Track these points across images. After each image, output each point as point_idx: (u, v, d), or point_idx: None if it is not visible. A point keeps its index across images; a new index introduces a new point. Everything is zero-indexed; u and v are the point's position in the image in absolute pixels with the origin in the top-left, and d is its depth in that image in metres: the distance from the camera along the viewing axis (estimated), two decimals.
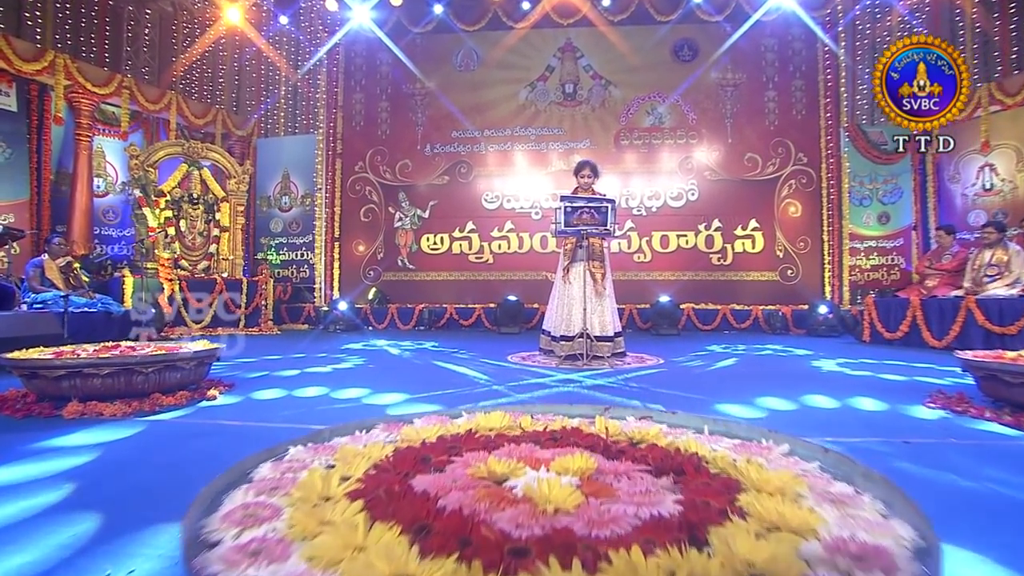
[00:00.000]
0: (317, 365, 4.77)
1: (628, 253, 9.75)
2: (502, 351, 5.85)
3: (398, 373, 4.45)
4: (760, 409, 2.96)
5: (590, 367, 4.64)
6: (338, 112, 10.35)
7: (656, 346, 6.77)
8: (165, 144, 8.64)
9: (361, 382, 3.88)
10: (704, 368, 4.62)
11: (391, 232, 10.26)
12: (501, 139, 10.06)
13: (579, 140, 9.93)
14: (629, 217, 9.76)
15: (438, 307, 9.66)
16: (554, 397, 3.34)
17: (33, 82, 7.93)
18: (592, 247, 5.21)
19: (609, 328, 5.14)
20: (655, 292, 9.13)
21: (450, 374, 4.31)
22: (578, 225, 4.83)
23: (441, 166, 10.16)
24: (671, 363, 4.96)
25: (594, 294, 5.17)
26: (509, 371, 4.43)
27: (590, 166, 5.34)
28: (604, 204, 4.76)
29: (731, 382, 3.95)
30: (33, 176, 7.99)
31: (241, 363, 4.97)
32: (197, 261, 8.92)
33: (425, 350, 6.15)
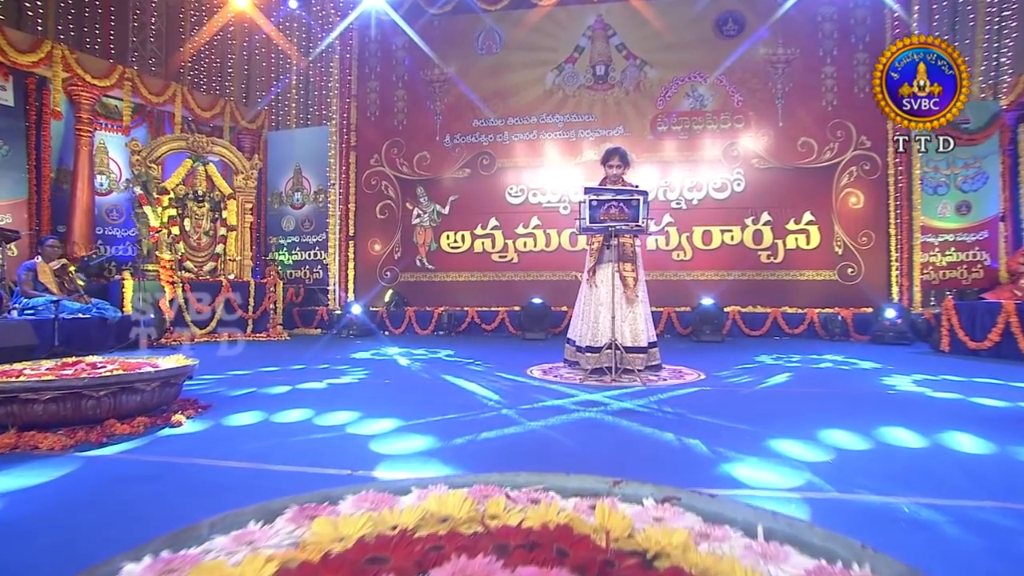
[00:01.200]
0: (313, 380, 4.48)
1: (666, 251, 9.25)
2: (522, 362, 5.50)
3: (398, 391, 4.12)
4: (825, 448, 2.49)
5: (619, 383, 4.23)
6: (352, 102, 10.13)
7: (697, 356, 6.29)
8: (169, 138, 8.52)
9: (353, 403, 3.55)
10: (752, 386, 4.15)
11: (409, 230, 9.99)
12: (526, 127, 9.68)
13: (612, 127, 9.47)
14: (667, 211, 9.26)
15: (458, 310, 9.34)
16: (572, 426, 2.94)
17: (31, 75, 7.88)
18: (623, 246, 4.80)
19: (642, 338, 4.71)
20: (696, 294, 8.62)
21: (457, 393, 3.95)
22: (605, 221, 4.40)
23: (462, 158, 9.84)
24: (713, 379, 4.50)
25: (624, 300, 4.75)
26: (525, 389, 4.05)
27: (619, 154, 4.92)
28: (635, 197, 4.33)
29: (785, 406, 3.48)
30: (32, 174, 7.95)
31: (232, 376, 4.71)
32: (203, 262, 8.78)
33: (438, 360, 5.83)
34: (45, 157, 8.04)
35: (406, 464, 2.35)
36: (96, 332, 6.65)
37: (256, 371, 5.07)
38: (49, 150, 8.10)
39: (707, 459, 2.32)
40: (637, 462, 2.32)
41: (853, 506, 1.81)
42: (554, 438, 2.72)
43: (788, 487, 1.98)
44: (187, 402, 3.46)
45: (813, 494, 1.90)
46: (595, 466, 2.29)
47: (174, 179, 8.53)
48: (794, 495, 1.89)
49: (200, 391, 4.00)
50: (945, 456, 2.38)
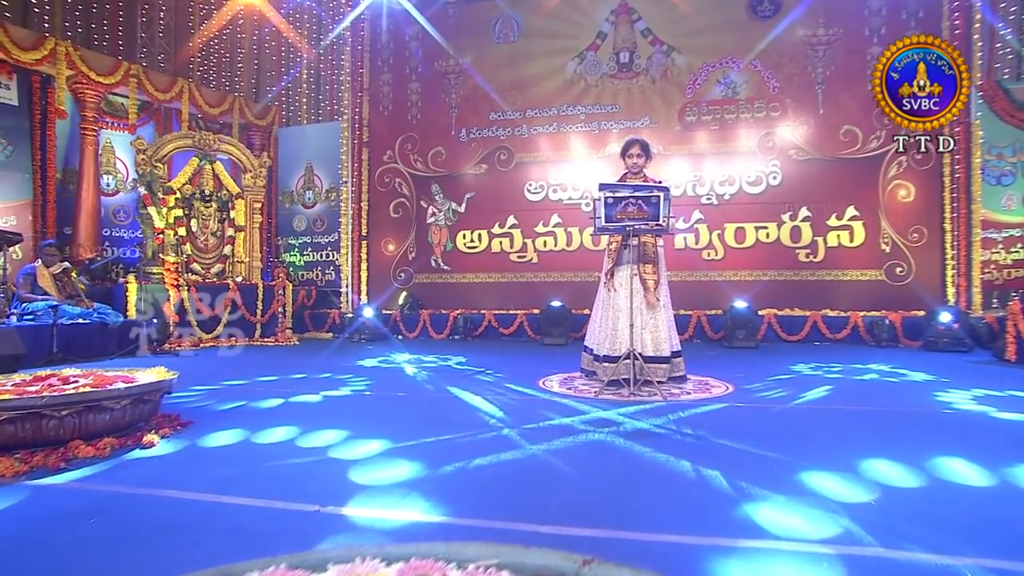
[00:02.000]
0: (309, 392, 4.33)
1: (696, 249, 8.93)
2: (537, 371, 5.30)
3: (396, 406, 3.95)
4: (866, 484, 2.22)
5: (638, 397, 3.99)
6: (363, 96, 10.02)
7: (727, 364, 6.00)
8: (175, 136, 8.50)
9: (345, 420, 3.38)
10: (786, 402, 3.86)
11: (423, 229, 9.85)
12: (546, 120, 9.45)
13: (637, 118, 9.18)
14: (697, 207, 8.94)
15: (475, 314, 9.18)
16: (577, 450, 2.71)
17: (35, 73, 7.93)
18: (643, 246, 4.56)
19: (664, 347, 4.46)
20: (729, 296, 8.29)
21: (459, 408, 3.75)
22: (623, 220, 4.16)
23: (478, 153, 9.66)
24: (743, 392, 4.22)
25: (645, 305, 4.51)
26: (533, 404, 3.84)
27: (639, 144, 4.67)
28: (654, 193, 4.07)
29: (822, 428, 3.19)
30: (37, 175, 8.00)
31: (226, 387, 4.60)
32: (210, 264, 8.75)
33: (447, 369, 5.66)
34: (50, 157, 8.09)
35: (383, 497, 2.16)
36: (97, 338, 6.64)
37: (253, 381, 4.96)
38: (54, 150, 8.15)
39: (726, 497, 2.07)
40: (643, 499, 2.08)
41: (899, 567, 1.55)
42: (554, 466, 2.50)
43: (820, 537, 1.73)
44: (167, 418, 3.33)
45: (850, 549, 1.64)
46: (593, 503, 2.06)
47: (180, 178, 8.51)
48: (826, 549, 1.64)
49: (187, 404, 3.90)
50: (1018, 500, 2.08)
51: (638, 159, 4.65)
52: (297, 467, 2.56)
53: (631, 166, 4.66)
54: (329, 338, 9.35)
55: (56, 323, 6.07)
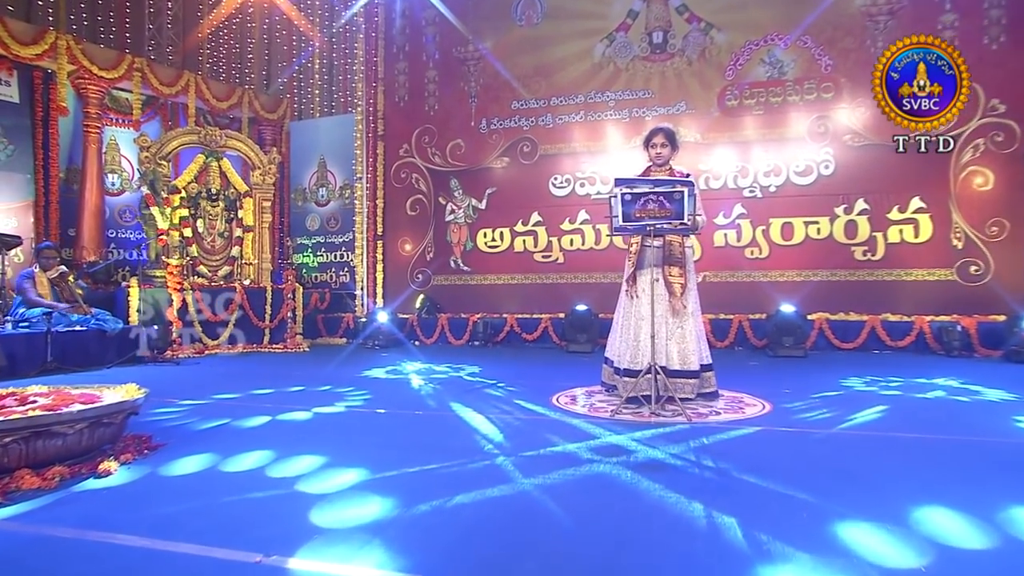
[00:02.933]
0: (301, 408, 4.21)
1: (738, 247, 8.57)
2: (554, 384, 5.10)
3: (388, 426, 3.81)
4: (918, 541, 1.93)
5: (661, 417, 3.75)
6: (378, 86, 9.95)
7: (769, 376, 5.70)
8: (180, 132, 8.52)
9: (327, 444, 3.24)
10: (830, 426, 3.55)
11: (442, 227, 9.73)
12: (572, 108, 9.22)
13: (672, 103, 8.86)
14: (739, 201, 8.59)
15: (496, 318, 9.01)
16: (576, 487, 2.49)
17: (36, 68, 8.04)
18: (669, 246, 4.31)
19: (692, 359, 4.20)
20: (774, 299, 7.93)
21: (455, 429, 3.57)
22: (642, 218, 3.91)
23: (500, 145, 9.49)
24: (781, 413, 3.92)
25: (670, 312, 4.25)
26: (539, 426, 3.64)
27: (664, 133, 4.41)
28: (677, 188, 3.81)
29: (870, 461, 2.89)
30: (39, 174, 8.12)
31: (215, 401, 4.54)
32: (217, 266, 8.76)
33: (457, 381, 5.52)
34: (53, 156, 8.21)
35: (340, 545, 1.97)
36: (94, 346, 6.67)
37: (246, 394, 4.89)
38: (57, 149, 8.26)
39: (738, 554, 1.82)
40: (636, 556, 1.85)
41: None
42: (544, 507, 2.28)
43: None
44: (137, 441, 3.22)
45: None
46: (577, 559, 1.83)
47: (186, 176, 8.53)
48: None
49: (166, 422, 3.82)
50: None
51: (662, 149, 4.39)
52: (256, 503, 2.40)
53: (655, 157, 4.41)
54: (343, 344, 9.30)
55: (50, 330, 6.10)
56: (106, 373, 6.16)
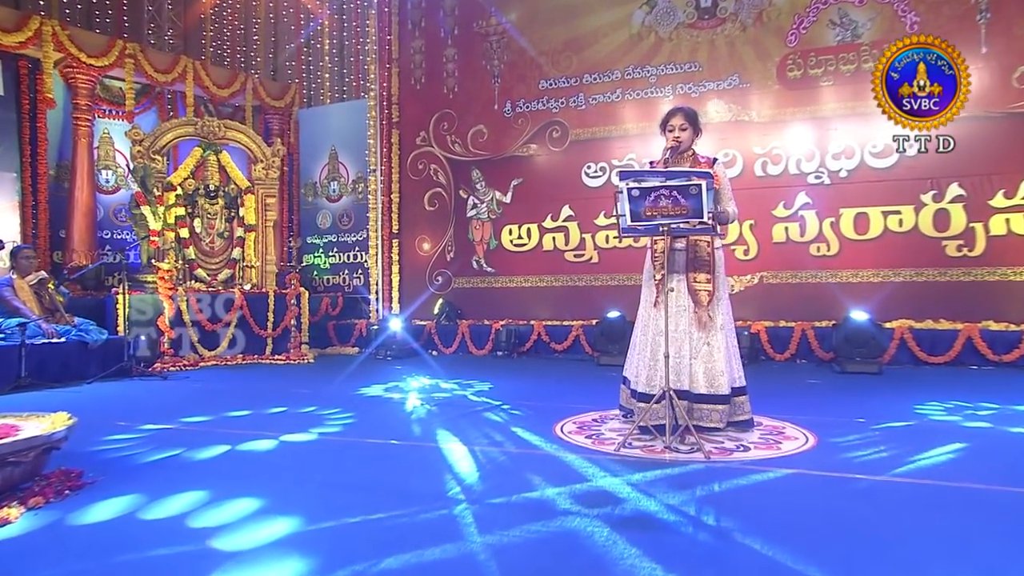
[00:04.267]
0: (269, 436, 4.12)
1: (801, 243, 8.09)
2: (567, 406, 4.87)
3: (351, 461, 3.64)
4: None
5: (676, 453, 3.47)
6: (392, 67, 9.87)
7: (828, 399, 5.32)
8: (175, 124, 8.58)
9: (273, 483, 3.12)
10: (882, 471, 3.18)
11: (463, 224, 9.58)
12: (607, 86, 8.92)
13: (723, 77, 8.46)
14: (803, 188, 8.12)
15: (522, 325, 8.80)
16: (535, 549, 2.24)
17: (22, 58, 8.20)
18: (694, 249, 4.03)
19: (721, 381, 3.90)
20: (844, 304, 7.48)
21: (427, 466, 3.38)
22: (654, 216, 3.63)
23: (526, 131, 9.29)
24: (826, 450, 3.57)
25: (696, 325, 3.96)
26: (526, 462, 3.41)
27: (683, 114, 4.12)
28: (692, 181, 3.51)
29: (921, 526, 2.51)
30: (26, 172, 8.28)
31: (179, 428, 4.47)
32: (217, 269, 8.81)
33: (460, 401, 5.37)
34: (41, 152, 8.36)
35: None
36: (74, 359, 6.73)
37: (219, 417, 4.85)
38: (45, 144, 8.40)
39: None
40: None
41: None
42: None
43: None
44: (62, 478, 3.12)
45: None
46: None
47: (181, 172, 8.59)
48: None
49: (111, 453, 3.77)
50: None
51: (682, 133, 4.09)
52: (154, 565, 2.24)
53: (673, 142, 4.10)
54: (354, 353, 9.24)
55: (24, 343, 6.17)
56: (83, 390, 6.20)
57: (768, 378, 6.62)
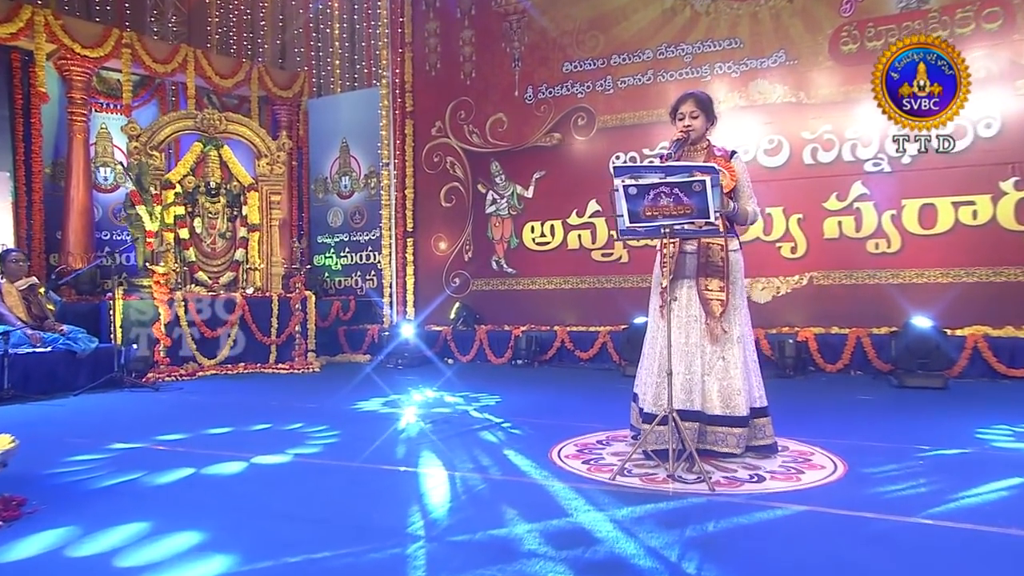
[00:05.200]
0: (240, 457, 4.08)
1: (856, 239, 7.79)
2: (575, 424, 4.75)
3: (318, 485, 3.56)
4: None
5: (680, 483, 3.29)
6: (405, 52, 9.85)
7: (878, 418, 5.09)
8: (174, 117, 8.66)
9: (222, 514, 3.06)
10: (917, 510, 2.94)
11: (482, 221, 9.52)
12: (637, 68, 8.75)
13: (767, 54, 8.21)
14: (859, 177, 7.81)
15: (545, 331, 8.69)
16: None
17: (14, 50, 8.38)
18: (706, 252, 3.86)
19: (739, 401, 3.72)
20: (905, 308, 7.18)
21: (396, 494, 3.28)
22: (654, 217, 3.48)
23: (549, 118, 9.20)
24: (854, 482, 3.35)
25: (707, 337, 3.79)
26: (507, 492, 3.30)
27: (695, 99, 3.94)
28: (696, 177, 3.35)
29: None
30: (20, 170, 8.47)
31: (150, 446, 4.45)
32: (219, 272, 8.87)
33: (460, 418, 5.27)
34: (35, 149, 8.55)
35: None
36: (62, 369, 6.81)
37: (197, 435, 4.84)
38: (40, 140, 8.59)
39: None
40: None
41: None
42: None
43: None
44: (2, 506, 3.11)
45: None
46: None
47: (180, 168, 8.66)
48: None
49: (67, 477, 3.73)
50: None
51: (693, 121, 3.91)
52: None
53: (682, 132, 3.93)
54: (365, 361, 9.24)
55: (7, 353, 6.27)
56: (67, 403, 6.27)
57: (812, 393, 6.38)
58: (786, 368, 7.37)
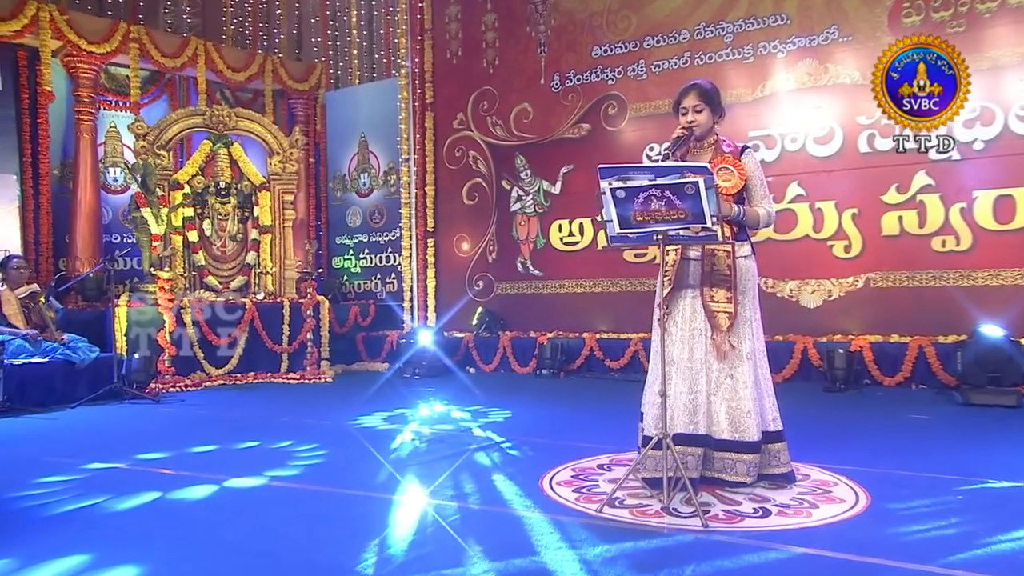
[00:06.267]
0: (213, 479, 4.09)
1: (919, 236, 7.45)
2: (582, 446, 4.65)
3: (277, 515, 3.53)
4: None
5: (676, 515, 3.16)
6: (424, 39, 9.83)
7: (926, 442, 4.86)
8: (181, 114, 8.80)
9: (169, 546, 3.05)
10: (937, 555, 2.73)
11: (506, 219, 9.48)
12: (673, 50, 8.57)
13: (816, 31, 7.92)
14: (923, 166, 7.46)
15: (572, 338, 8.58)
16: None
17: (21, 48, 8.61)
18: (712, 260, 3.70)
19: (748, 424, 3.56)
20: (974, 315, 6.88)
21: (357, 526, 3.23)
22: (646, 222, 3.36)
23: (577, 107, 9.10)
24: (874, 519, 3.15)
25: (713, 353, 3.64)
26: (478, 525, 3.21)
27: (698, 91, 3.81)
28: (688, 179, 3.21)
29: None
30: (27, 173, 8.70)
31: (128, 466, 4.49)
32: (230, 277, 8.98)
33: (459, 437, 5.23)
34: (42, 150, 8.76)
35: None
36: (60, 380, 6.94)
37: (179, 453, 4.89)
38: (47, 141, 8.81)
39: None
40: None
41: None
42: None
43: None
44: None
45: None
46: None
47: (189, 168, 8.80)
48: None
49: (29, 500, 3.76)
50: None
51: (697, 115, 3.76)
52: None
53: (683, 129, 3.79)
54: (382, 370, 9.25)
55: (3, 364, 6.42)
56: (60, 416, 6.38)
57: (859, 410, 6.12)
58: (836, 381, 7.10)
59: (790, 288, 7.95)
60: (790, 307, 7.93)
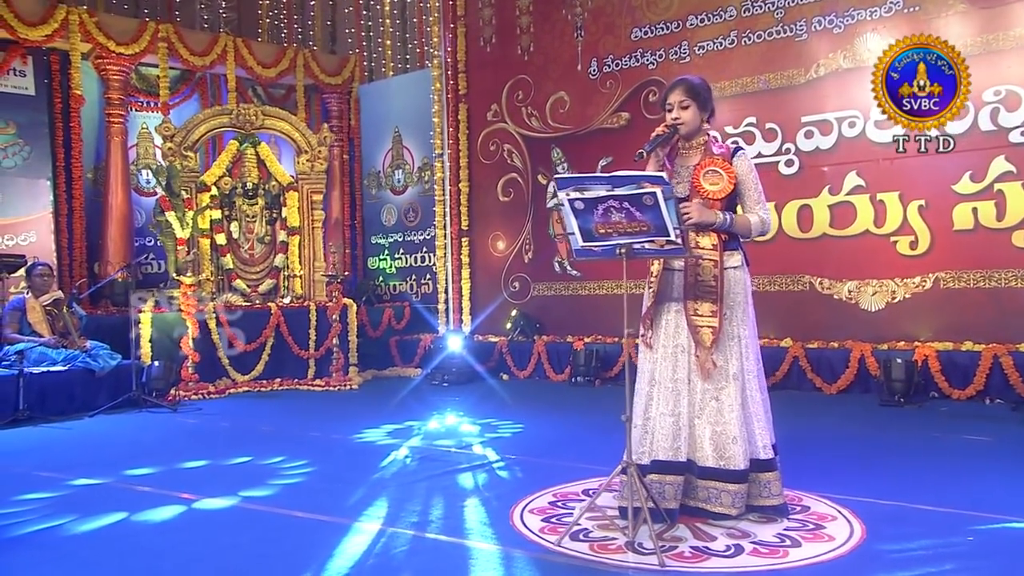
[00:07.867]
0: (183, 499, 4.20)
1: (997, 230, 6.99)
2: (577, 467, 4.61)
3: (231, 544, 3.56)
4: None
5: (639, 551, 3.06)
6: (457, 26, 9.81)
7: (980, 464, 4.62)
8: (208, 114, 9.01)
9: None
10: None
11: (542, 216, 9.34)
12: (718, 29, 8.33)
13: (878, 2, 7.50)
14: (1003, 151, 7.03)
15: (609, 344, 8.41)
16: None
17: (53, 52, 8.99)
18: (696, 271, 3.59)
19: (734, 451, 3.43)
20: None
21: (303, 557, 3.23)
22: (608, 234, 3.29)
23: (616, 95, 8.93)
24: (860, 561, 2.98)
25: (697, 372, 3.53)
26: (423, 558, 3.20)
27: (685, 87, 3.68)
28: (646, 189, 3.13)
29: None
30: (60, 178, 9.09)
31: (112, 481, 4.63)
32: (258, 280, 9.14)
33: (453, 456, 5.22)
34: (75, 155, 9.14)
35: None
36: (80, 388, 7.22)
37: (168, 468, 5.01)
38: (80, 145, 9.18)
39: None
40: None
41: None
42: None
43: None
44: None
45: None
46: None
47: (216, 169, 8.98)
48: None
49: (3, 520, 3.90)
50: None
51: (682, 112, 3.63)
52: None
53: (665, 127, 3.67)
54: (414, 376, 9.31)
55: (23, 372, 6.72)
56: (76, 426, 6.62)
57: (907, 428, 5.77)
58: (894, 393, 6.74)
59: (848, 289, 7.61)
60: (848, 310, 7.60)
